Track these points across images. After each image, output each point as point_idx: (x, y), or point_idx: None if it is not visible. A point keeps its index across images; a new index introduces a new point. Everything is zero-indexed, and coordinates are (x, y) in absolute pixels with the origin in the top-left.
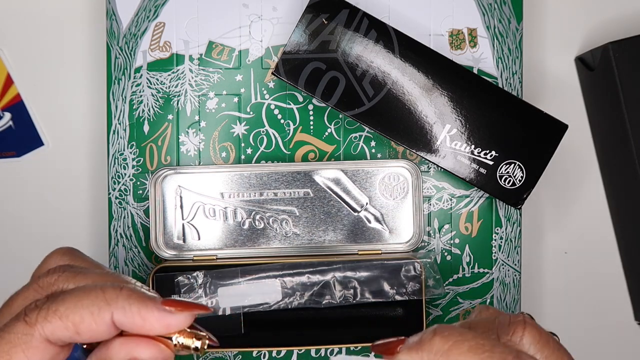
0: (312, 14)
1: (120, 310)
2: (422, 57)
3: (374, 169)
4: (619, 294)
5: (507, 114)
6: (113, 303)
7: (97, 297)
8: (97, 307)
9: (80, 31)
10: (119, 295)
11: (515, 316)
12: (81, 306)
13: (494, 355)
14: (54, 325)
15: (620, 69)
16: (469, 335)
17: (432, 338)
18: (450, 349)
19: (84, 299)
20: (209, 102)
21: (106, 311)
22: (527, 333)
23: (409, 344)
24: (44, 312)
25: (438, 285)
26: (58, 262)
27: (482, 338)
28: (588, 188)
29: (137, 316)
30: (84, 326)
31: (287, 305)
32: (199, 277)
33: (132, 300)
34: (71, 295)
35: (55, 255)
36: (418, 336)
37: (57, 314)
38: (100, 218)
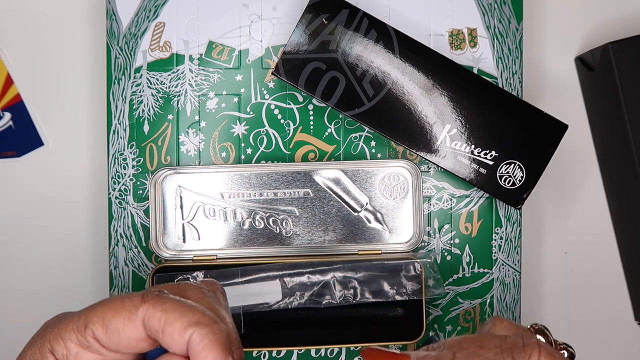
0: (312, 14)
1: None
2: (422, 57)
3: (374, 169)
4: (619, 294)
5: (507, 114)
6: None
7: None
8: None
9: (80, 31)
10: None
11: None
12: (179, 312)
13: None
14: (154, 312)
15: (620, 69)
16: None
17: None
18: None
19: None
20: (209, 102)
21: (191, 329)
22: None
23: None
24: (156, 298)
25: (438, 285)
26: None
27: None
28: (588, 188)
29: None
30: (169, 329)
31: (287, 305)
32: (199, 277)
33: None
34: (180, 300)
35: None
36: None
37: (162, 306)
38: (100, 218)
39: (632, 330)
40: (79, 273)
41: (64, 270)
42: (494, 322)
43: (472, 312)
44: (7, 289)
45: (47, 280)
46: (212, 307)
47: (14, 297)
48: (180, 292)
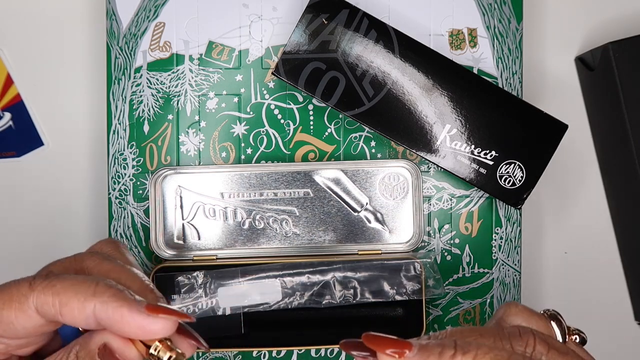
0: (312, 14)
1: (102, 305)
2: (422, 57)
3: (374, 169)
4: (619, 294)
5: (507, 114)
6: (99, 296)
7: (89, 287)
8: (83, 296)
9: (80, 31)
10: (106, 290)
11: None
12: (72, 290)
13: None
14: (45, 299)
15: (620, 69)
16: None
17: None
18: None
19: (77, 285)
20: (209, 102)
21: (90, 302)
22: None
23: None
24: (45, 282)
25: (438, 285)
26: (102, 248)
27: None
28: (588, 188)
29: (116, 313)
30: (66, 309)
31: (287, 305)
32: (199, 277)
33: (116, 297)
34: (70, 277)
35: (101, 242)
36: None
37: (52, 289)
38: (100, 218)
39: (632, 330)
40: None
41: None
42: (509, 307)
43: (472, 312)
44: None
45: None
46: (113, 268)
47: None
48: (77, 265)
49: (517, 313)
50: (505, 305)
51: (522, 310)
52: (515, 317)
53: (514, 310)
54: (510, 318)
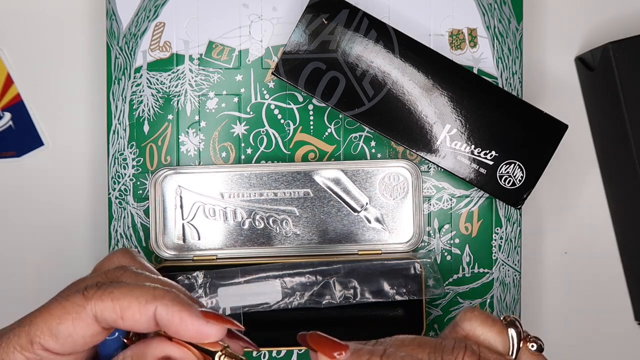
0: (312, 14)
1: (164, 307)
2: (422, 57)
3: (374, 169)
4: (619, 294)
5: (507, 114)
6: (159, 299)
7: (148, 291)
8: (144, 299)
9: (80, 31)
10: (165, 295)
11: (459, 341)
12: (132, 295)
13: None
14: (104, 305)
15: (620, 69)
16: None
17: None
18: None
19: (135, 290)
20: (209, 102)
21: (151, 304)
22: (465, 357)
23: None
24: (100, 291)
25: (438, 285)
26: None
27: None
28: (588, 188)
29: (176, 316)
30: (129, 312)
31: (287, 305)
32: (199, 277)
33: (176, 301)
34: (126, 284)
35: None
36: (365, 350)
37: (110, 295)
38: (100, 218)
39: (632, 330)
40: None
41: (64, 270)
42: (465, 312)
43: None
44: (7, 289)
45: (47, 280)
46: (153, 279)
47: (14, 297)
48: (114, 278)
49: (472, 318)
50: (462, 311)
51: (477, 315)
52: (470, 322)
53: (469, 315)
54: (465, 323)
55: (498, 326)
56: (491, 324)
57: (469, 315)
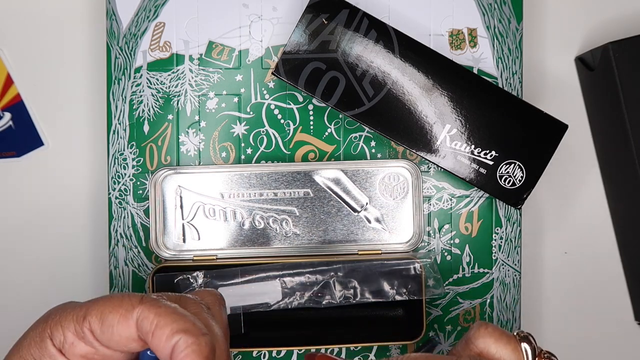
0: (312, 14)
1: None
2: (422, 57)
3: (374, 169)
4: (619, 294)
5: (507, 114)
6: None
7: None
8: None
9: (80, 31)
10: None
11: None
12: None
13: None
14: (148, 314)
15: (620, 69)
16: None
17: None
18: None
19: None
20: (209, 102)
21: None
22: None
23: None
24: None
25: (438, 285)
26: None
27: None
28: (588, 188)
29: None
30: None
31: (287, 305)
32: (199, 277)
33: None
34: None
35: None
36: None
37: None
38: (100, 218)
39: (632, 330)
40: (79, 273)
41: (64, 270)
42: (479, 327)
43: (472, 312)
44: (7, 289)
45: (47, 280)
46: (207, 322)
47: (14, 297)
48: (180, 302)
49: (485, 335)
50: (475, 325)
51: (491, 331)
52: (484, 339)
53: (482, 331)
54: (479, 340)
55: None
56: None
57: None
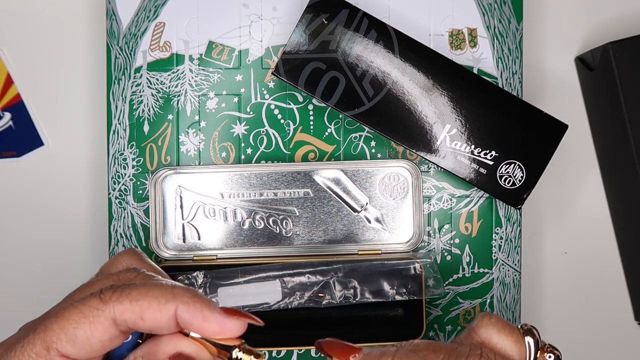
0: (312, 14)
1: (185, 306)
2: (422, 57)
3: (374, 169)
4: (619, 294)
5: (507, 114)
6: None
7: (166, 290)
8: (164, 298)
9: (80, 31)
10: (185, 292)
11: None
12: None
13: None
14: (123, 307)
15: (620, 69)
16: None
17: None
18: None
19: (154, 289)
20: (209, 102)
21: (172, 303)
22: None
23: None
24: (117, 293)
25: (438, 285)
26: (127, 261)
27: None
28: (588, 188)
29: (198, 313)
30: (149, 313)
31: (287, 305)
32: (199, 277)
33: (196, 299)
34: (143, 284)
35: (124, 255)
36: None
37: (128, 297)
38: (100, 218)
39: (632, 330)
40: (79, 273)
41: (64, 270)
42: (482, 318)
43: (472, 312)
44: (7, 289)
45: (47, 280)
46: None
47: (14, 297)
48: (126, 280)
49: (488, 325)
50: (479, 316)
51: (494, 322)
52: (487, 329)
53: (486, 322)
54: (481, 330)
55: (515, 335)
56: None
57: (485, 321)
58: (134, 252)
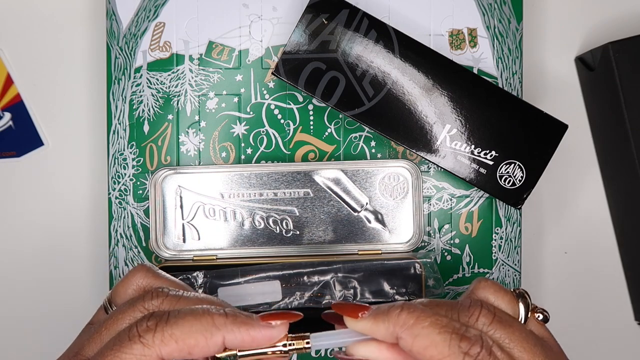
0: (312, 14)
1: (231, 334)
2: (422, 57)
3: (374, 169)
4: (619, 294)
5: (507, 114)
6: (223, 327)
7: (208, 322)
8: (209, 332)
9: (80, 31)
10: (226, 321)
11: (475, 301)
12: (195, 331)
13: (449, 329)
14: (170, 348)
15: (620, 69)
16: (430, 312)
17: (400, 312)
18: (414, 323)
19: (196, 324)
20: (209, 102)
21: (218, 335)
22: (481, 316)
23: (375, 312)
24: (159, 334)
25: (438, 285)
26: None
27: (442, 316)
28: (588, 188)
29: (246, 336)
30: (197, 349)
31: (287, 305)
32: (199, 277)
33: (239, 323)
34: (184, 320)
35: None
36: (385, 307)
37: (173, 338)
38: (100, 218)
39: (632, 330)
40: (79, 273)
41: (63, 270)
42: (479, 281)
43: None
44: (7, 289)
45: (47, 280)
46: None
47: (14, 297)
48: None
49: (485, 287)
50: (475, 281)
51: (490, 284)
52: (484, 290)
53: (483, 284)
54: (479, 291)
55: (509, 296)
56: (503, 294)
57: (482, 284)
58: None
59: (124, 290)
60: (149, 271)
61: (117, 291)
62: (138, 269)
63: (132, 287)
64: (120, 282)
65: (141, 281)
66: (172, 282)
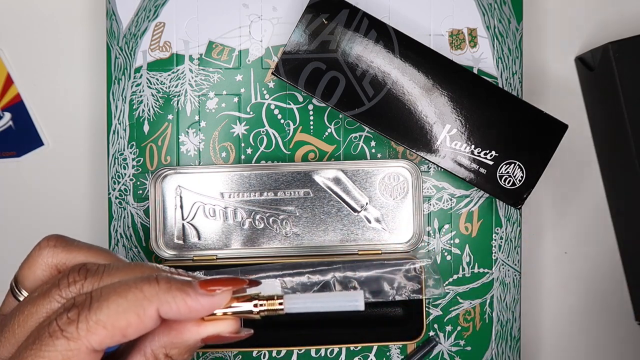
0: (312, 14)
1: (166, 305)
2: (422, 57)
3: (374, 169)
4: (619, 294)
5: (507, 114)
6: (155, 298)
7: (137, 297)
8: (141, 308)
9: (80, 31)
10: (158, 291)
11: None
12: (124, 310)
13: None
14: (100, 336)
15: (620, 69)
16: None
17: None
18: None
19: (123, 303)
20: (209, 102)
21: (151, 308)
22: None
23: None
24: (84, 324)
25: (438, 285)
26: (51, 256)
27: None
28: (588, 188)
29: (182, 307)
30: (131, 329)
31: None
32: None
33: (174, 291)
34: (108, 301)
35: (45, 248)
36: None
37: (100, 324)
38: (100, 218)
39: (632, 330)
40: None
41: None
42: None
43: (472, 312)
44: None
45: None
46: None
47: None
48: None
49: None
50: None
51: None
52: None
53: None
54: None
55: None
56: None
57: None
58: (53, 243)
59: (32, 272)
60: (57, 245)
61: (23, 274)
62: (43, 245)
63: (40, 268)
64: (25, 262)
65: (50, 259)
66: (88, 249)
